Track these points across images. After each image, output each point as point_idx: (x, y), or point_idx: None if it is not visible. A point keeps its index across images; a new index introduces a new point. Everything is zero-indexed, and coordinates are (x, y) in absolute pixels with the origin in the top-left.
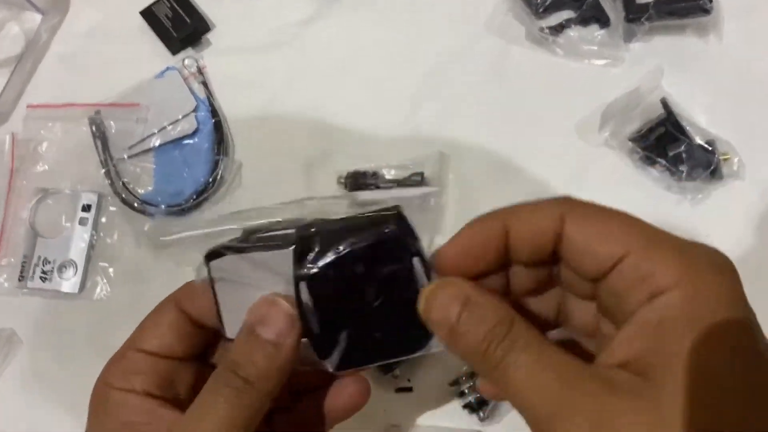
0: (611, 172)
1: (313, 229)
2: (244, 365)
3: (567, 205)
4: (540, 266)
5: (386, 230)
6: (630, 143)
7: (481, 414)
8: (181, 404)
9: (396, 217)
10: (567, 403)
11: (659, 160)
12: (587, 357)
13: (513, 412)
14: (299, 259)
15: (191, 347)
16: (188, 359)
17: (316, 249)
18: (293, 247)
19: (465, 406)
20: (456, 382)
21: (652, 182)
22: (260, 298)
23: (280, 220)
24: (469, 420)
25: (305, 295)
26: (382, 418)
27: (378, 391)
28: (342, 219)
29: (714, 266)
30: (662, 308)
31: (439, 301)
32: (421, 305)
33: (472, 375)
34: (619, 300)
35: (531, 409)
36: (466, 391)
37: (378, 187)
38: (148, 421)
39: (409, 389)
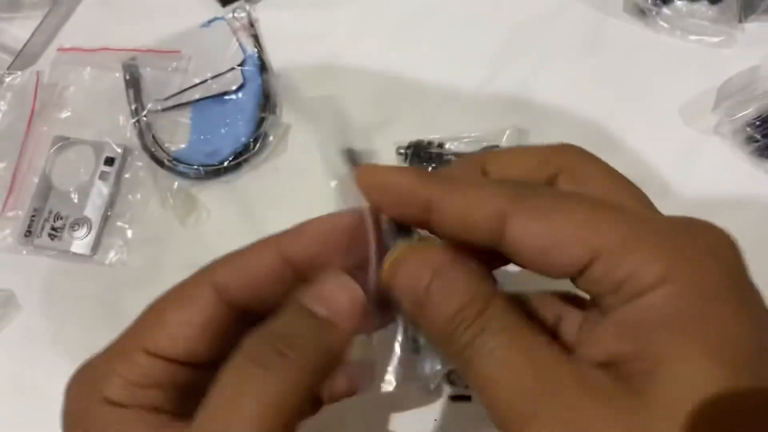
0: (721, 163)
1: None
2: (284, 336)
3: (510, 196)
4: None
5: None
6: (747, 129)
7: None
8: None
9: None
10: (541, 404)
11: None
12: None
13: None
14: None
15: (225, 348)
16: (214, 365)
17: None
18: None
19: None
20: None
21: None
22: (326, 275)
23: None
24: None
25: None
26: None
27: (428, 398)
28: None
29: (706, 251)
30: (640, 311)
31: (406, 267)
32: (386, 269)
33: None
34: (596, 298)
35: (498, 406)
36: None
37: (442, 161)
38: None
39: (467, 398)
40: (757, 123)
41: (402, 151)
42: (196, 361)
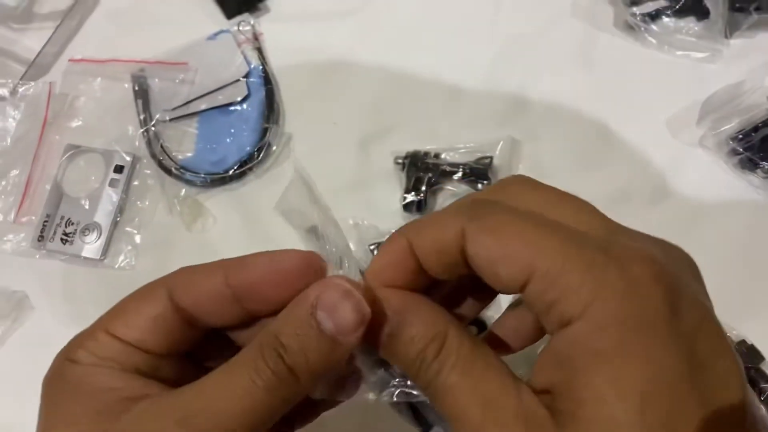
0: (705, 174)
1: None
2: (294, 352)
3: (469, 215)
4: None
5: None
6: (730, 143)
7: None
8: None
9: None
10: None
11: (763, 164)
12: None
13: None
14: None
15: (175, 345)
16: (171, 356)
17: None
18: None
19: None
20: None
21: (753, 189)
22: (332, 278)
23: None
24: None
25: None
26: None
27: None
28: None
29: (633, 282)
30: (569, 343)
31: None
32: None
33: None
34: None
35: None
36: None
37: (438, 171)
38: (130, 386)
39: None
40: (740, 137)
41: (399, 161)
42: (147, 349)
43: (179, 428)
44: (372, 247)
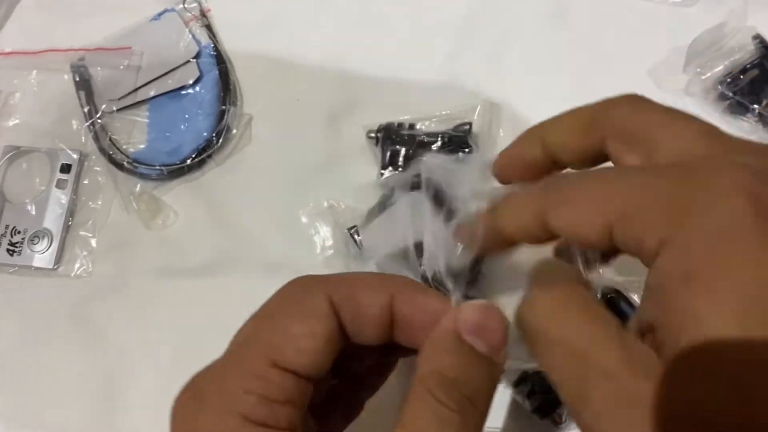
0: None
1: None
2: (466, 382)
3: (543, 193)
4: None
5: None
6: (718, 87)
7: (557, 417)
8: None
9: None
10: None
11: (753, 107)
12: None
13: None
14: None
15: (328, 367)
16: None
17: None
18: None
19: (534, 411)
20: (521, 381)
21: (744, 135)
22: (472, 303)
23: None
24: (543, 428)
25: None
26: None
27: None
28: None
29: (714, 195)
30: (657, 274)
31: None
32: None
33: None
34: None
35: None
36: (537, 389)
37: (415, 143)
38: None
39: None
40: (728, 80)
41: (372, 134)
42: (317, 375)
43: None
44: (352, 231)
